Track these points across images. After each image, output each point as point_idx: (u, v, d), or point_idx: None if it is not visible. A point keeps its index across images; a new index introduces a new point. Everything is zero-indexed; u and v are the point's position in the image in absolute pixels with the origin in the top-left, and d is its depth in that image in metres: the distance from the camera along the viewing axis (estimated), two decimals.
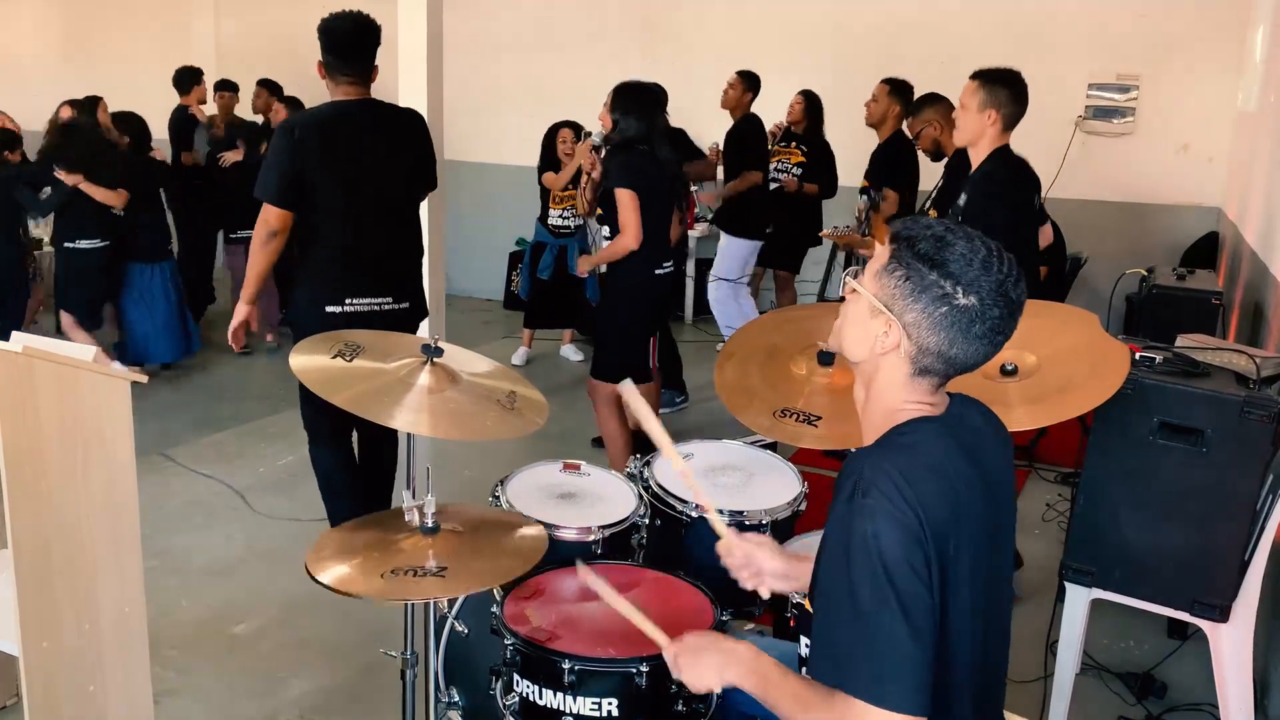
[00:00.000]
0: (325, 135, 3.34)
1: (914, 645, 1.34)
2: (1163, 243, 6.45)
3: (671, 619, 2.18)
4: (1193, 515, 2.61)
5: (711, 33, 7.63)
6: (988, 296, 1.41)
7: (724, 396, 2.52)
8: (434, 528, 2.10)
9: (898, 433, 1.47)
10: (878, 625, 1.34)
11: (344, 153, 3.34)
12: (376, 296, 3.39)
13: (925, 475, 1.39)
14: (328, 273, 3.37)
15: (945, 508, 1.39)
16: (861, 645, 1.36)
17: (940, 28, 7.01)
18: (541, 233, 6.27)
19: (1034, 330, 2.44)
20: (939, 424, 1.48)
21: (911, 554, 1.35)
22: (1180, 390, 2.59)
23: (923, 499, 1.37)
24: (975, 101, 3.28)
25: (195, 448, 5.04)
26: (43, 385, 2.09)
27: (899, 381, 1.49)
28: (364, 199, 3.36)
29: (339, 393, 2.17)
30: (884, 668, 1.34)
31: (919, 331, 1.44)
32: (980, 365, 1.47)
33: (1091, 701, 3.06)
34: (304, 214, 3.35)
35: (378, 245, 3.41)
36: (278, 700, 3.06)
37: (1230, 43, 6.39)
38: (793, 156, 6.37)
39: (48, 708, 2.19)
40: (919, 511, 1.36)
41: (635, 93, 4.10)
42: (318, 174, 3.30)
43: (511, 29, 8.31)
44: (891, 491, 1.37)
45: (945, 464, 1.43)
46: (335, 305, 3.35)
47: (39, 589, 2.14)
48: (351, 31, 3.35)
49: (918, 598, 1.35)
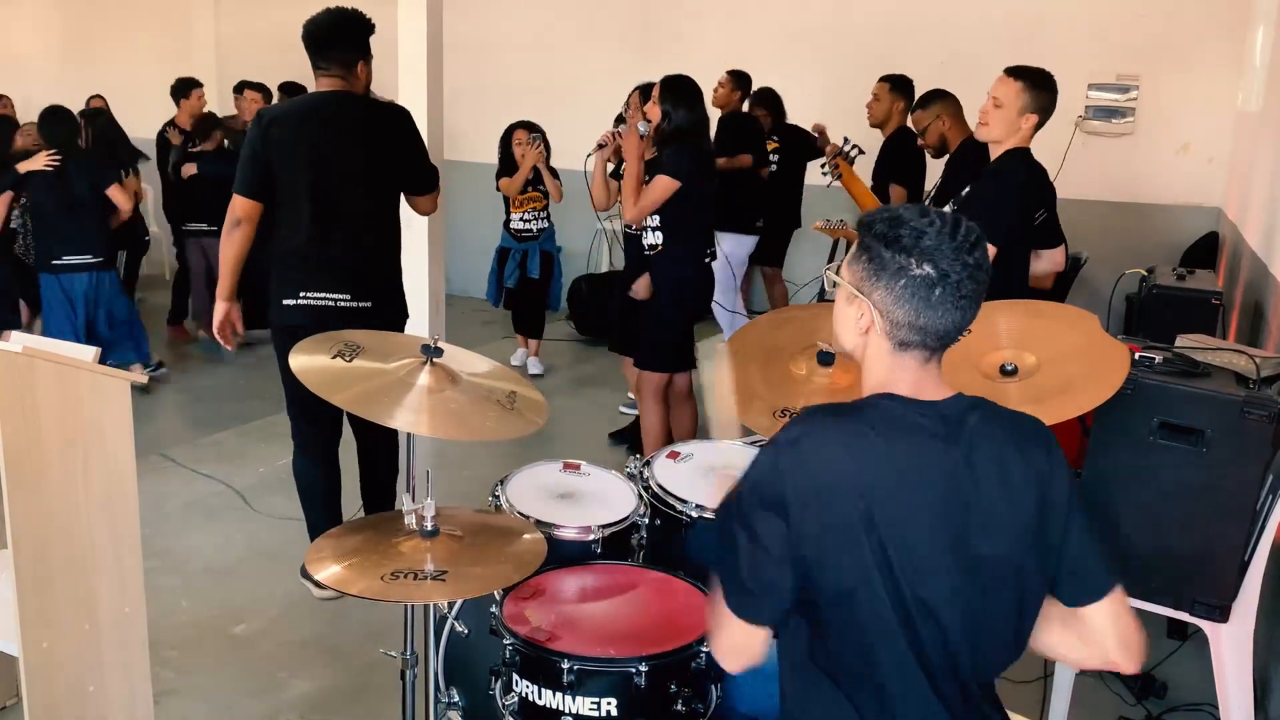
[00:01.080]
0: (293, 126, 3.33)
1: (759, 563, 1.47)
2: (1163, 243, 6.44)
3: (671, 619, 2.18)
4: (1193, 515, 2.61)
5: (711, 33, 7.63)
6: (943, 262, 1.47)
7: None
8: (433, 531, 2.10)
9: (854, 401, 1.54)
10: (733, 537, 1.50)
11: (309, 144, 3.31)
12: (333, 292, 3.32)
13: (843, 436, 1.48)
14: (287, 263, 3.34)
15: (868, 473, 1.45)
16: (727, 556, 1.52)
17: (940, 28, 7.00)
18: (505, 238, 6.12)
19: (1034, 330, 2.45)
20: (902, 401, 1.51)
21: (770, 488, 1.47)
22: (1180, 390, 2.59)
23: (823, 453, 1.47)
24: (1019, 103, 3.16)
25: (195, 448, 5.04)
26: (43, 385, 2.09)
27: (882, 358, 1.55)
28: (326, 192, 3.31)
29: (339, 393, 2.17)
30: (736, 579, 1.50)
31: (887, 307, 1.51)
32: (957, 329, 1.50)
33: (1091, 701, 3.06)
34: (271, 205, 3.34)
35: (338, 240, 3.33)
36: (278, 700, 3.06)
37: (1230, 43, 6.39)
38: (768, 145, 6.38)
39: (48, 708, 2.19)
40: (806, 461, 1.46)
41: (683, 85, 4.18)
42: (283, 165, 3.29)
43: (511, 29, 8.31)
44: (793, 435, 1.49)
45: (877, 435, 1.47)
46: (290, 298, 3.33)
47: (39, 589, 2.14)
48: (326, 24, 3.34)
49: (767, 525, 1.46)
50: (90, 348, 2.28)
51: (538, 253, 6.06)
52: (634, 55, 7.55)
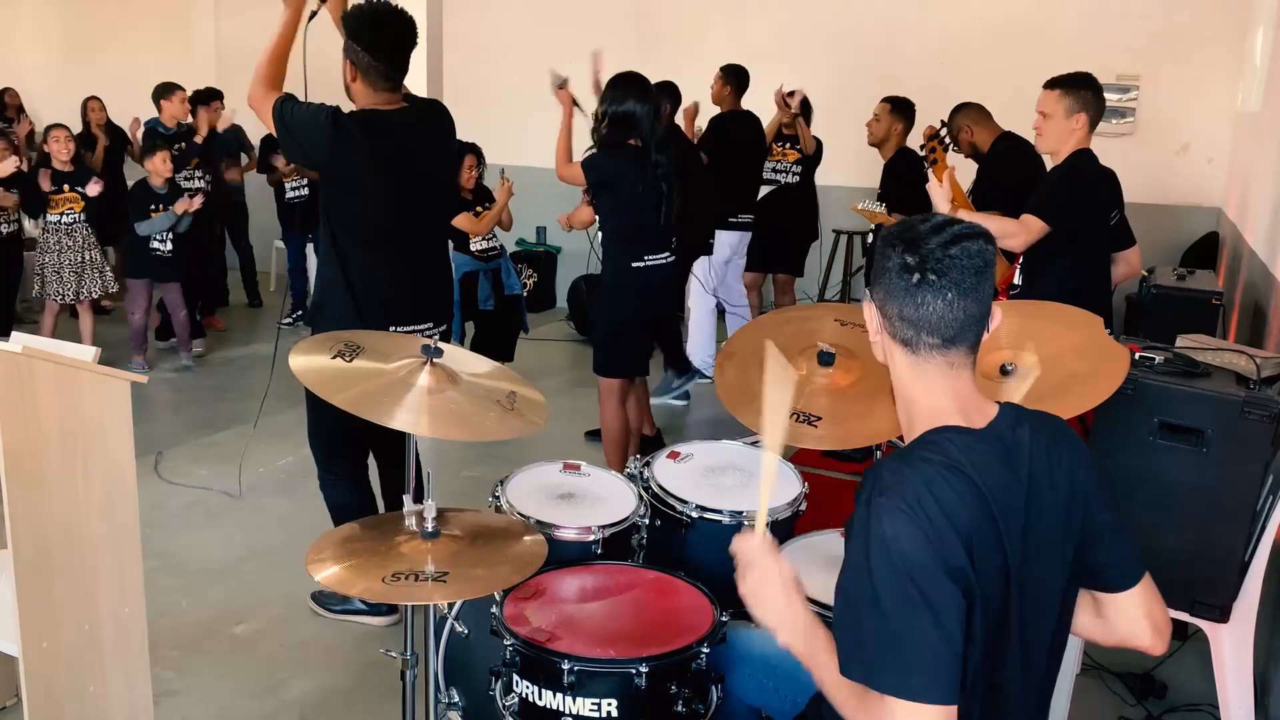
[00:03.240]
0: (391, 147, 3.05)
1: (940, 640, 1.36)
2: (1163, 243, 6.45)
3: (672, 619, 2.18)
4: (1193, 515, 2.61)
5: (711, 34, 7.62)
6: (923, 250, 1.46)
7: (724, 396, 2.52)
8: (434, 533, 2.10)
9: (923, 439, 1.48)
10: (903, 623, 1.36)
11: (401, 173, 3.06)
12: (420, 322, 3.19)
13: (945, 479, 1.40)
14: (371, 296, 3.12)
15: (968, 511, 1.40)
16: (889, 643, 1.37)
17: (940, 28, 7.01)
18: (468, 262, 5.58)
19: (1034, 330, 2.45)
20: (968, 434, 1.48)
21: (930, 553, 1.36)
22: (1180, 390, 2.59)
23: (941, 501, 1.38)
24: (1062, 108, 3.33)
25: (195, 448, 5.04)
26: (43, 385, 2.09)
27: (907, 372, 1.53)
28: (412, 222, 3.16)
29: (339, 393, 2.17)
30: (912, 663, 1.36)
31: (885, 305, 1.51)
32: (947, 323, 1.47)
33: (1091, 701, 3.06)
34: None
35: (420, 268, 3.20)
36: (278, 700, 3.06)
37: (1230, 43, 6.40)
38: (790, 156, 6.34)
39: (48, 708, 2.19)
40: (937, 515, 1.37)
41: (621, 81, 4.07)
42: (372, 187, 3.05)
43: (511, 28, 8.31)
44: (908, 493, 1.39)
45: (972, 471, 1.42)
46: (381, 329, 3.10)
47: (39, 589, 2.14)
48: (411, 26, 3.04)
49: (942, 594, 1.36)
50: (90, 348, 2.28)
51: (510, 267, 5.77)
52: (633, 56, 7.48)
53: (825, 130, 6.45)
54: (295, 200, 7.29)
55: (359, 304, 3.07)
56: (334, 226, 3.08)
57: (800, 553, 2.46)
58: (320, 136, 2.96)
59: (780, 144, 6.32)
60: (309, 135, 2.98)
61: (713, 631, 2.11)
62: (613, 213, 4.12)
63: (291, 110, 2.98)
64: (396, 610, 3.36)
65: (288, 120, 2.97)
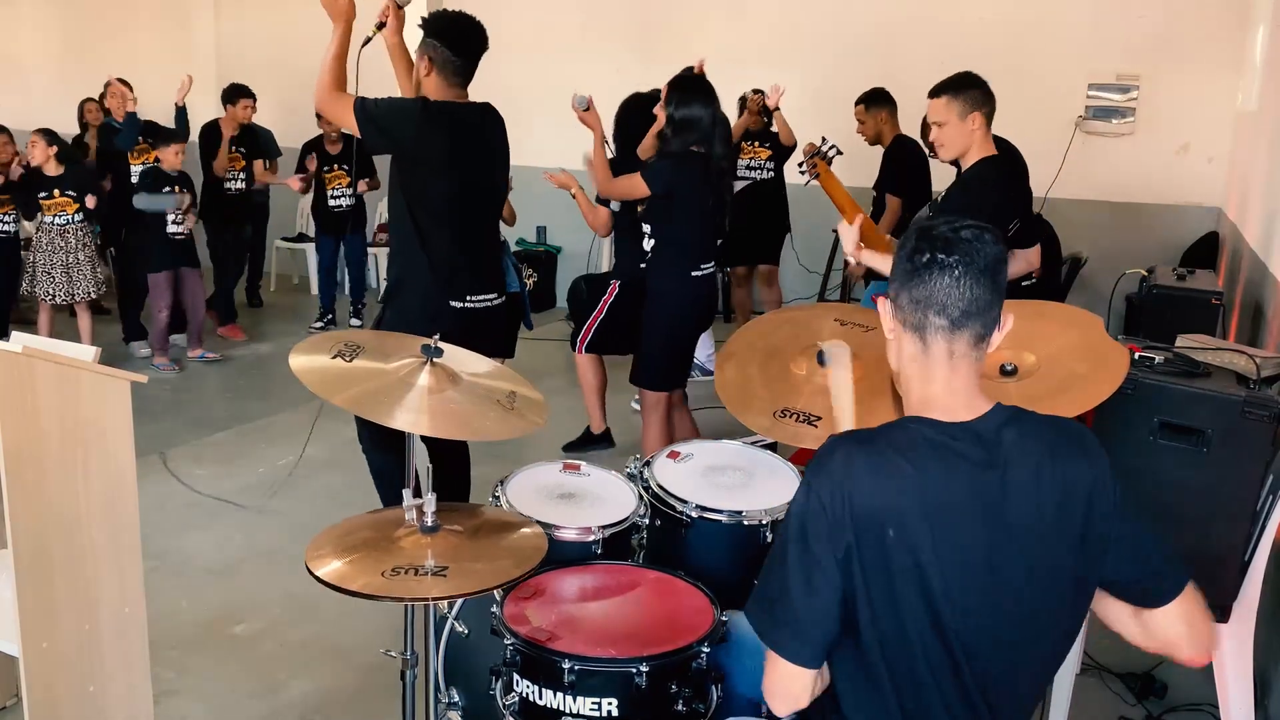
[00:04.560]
0: (467, 133, 3.36)
1: (808, 604, 1.46)
2: (1163, 243, 6.45)
3: (671, 619, 2.18)
4: (1193, 515, 2.60)
5: (711, 33, 7.62)
6: (932, 232, 1.51)
7: (724, 396, 2.52)
8: (434, 527, 2.10)
9: (886, 425, 1.53)
10: (782, 579, 1.49)
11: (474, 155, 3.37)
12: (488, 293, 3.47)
13: (872, 462, 1.46)
14: (450, 267, 3.37)
15: (890, 496, 1.44)
16: (771, 596, 1.51)
17: (939, 29, 7.00)
18: None
19: (1034, 330, 2.45)
20: (937, 425, 1.48)
21: (819, 523, 1.45)
22: (1180, 390, 2.59)
23: (856, 480, 1.44)
24: (954, 113, 3.21)
25: (195, 448, 5.04)
26: (43, 385, 2.09)
27: (913, 364, 1.54)
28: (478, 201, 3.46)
29: (339, 393, 2.17)
30: (782, 619, 1.49)
31: (898, 295, 1.54)
32: (958, 300, 1.48)
33: (1091, 701, 3.06)
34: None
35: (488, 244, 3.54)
36: (278, 700, 3.06)
37: (1230, 43, 6.39)
38: (761, 153, 6.36)
39: (48, 708, 2.19)
40: (843, 490, 1.44)
41: (686, 85, 4.06)
42: (447, 168, 3.29)
43: (511, 29, 8.29)
44: (827, 466, 1.48)
45: (911, 457, 1.45)
46: (458, 300, 3.36)
47: (39, 589, 2.14)
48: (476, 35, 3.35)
49: (818, 562, 1.45)
50: (90, 348, 2.29)
51: (511, 265, 5.79)
52: (634, 56, 7.55)
53: (821, 132, 6.43)
54: (337, 209, 7.28)
55: (437, 275, 3.30)
56: (413, 207, 3.29)
57: None
58: (409, 122, 3.20)
59: (750, 141, 6.35)
60: (397, 122, 3.20)
61: (713, 631, 2.11)
62: (673, 222, 4.03)
63: (375, 104, 3.20)
64: None
65: (372, 112, 3.17)
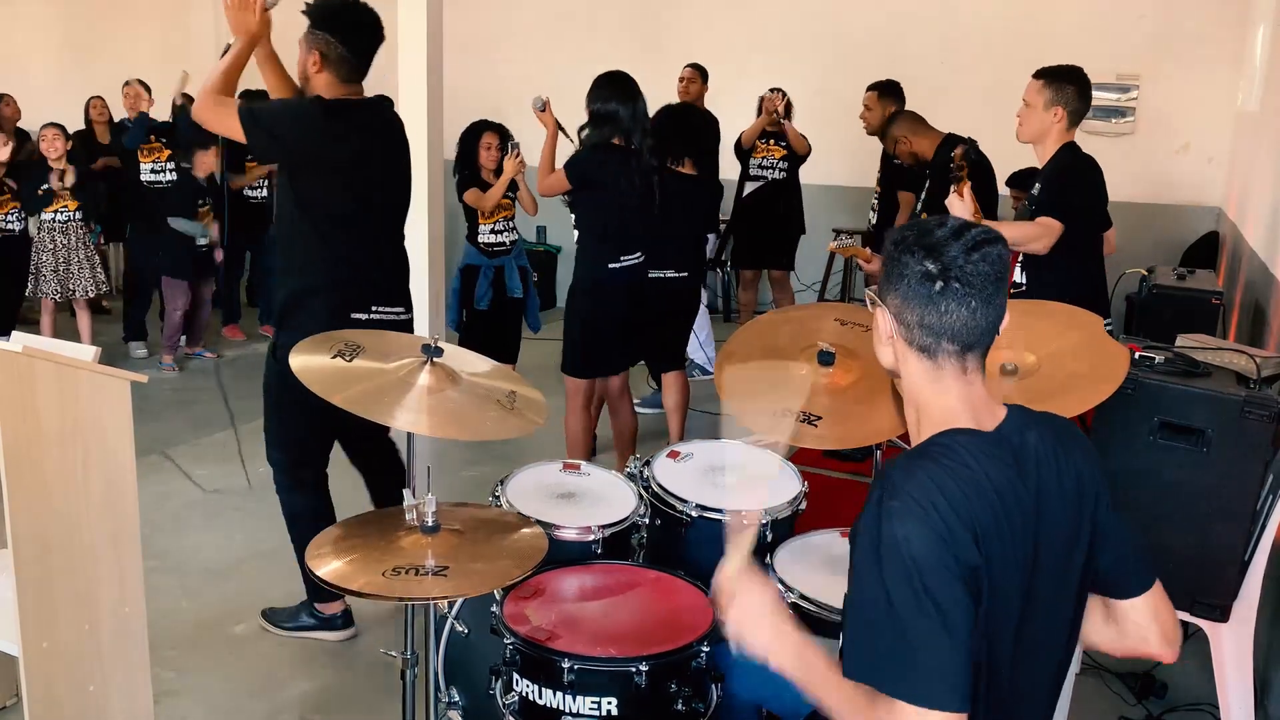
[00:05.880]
0: (366, 138, 3.08)
1: (951, 645, 1.34)
2: (1163, 243, 6.45)
3: (671, 618, 2.18)
4: (1193, 515, 2.61)
5: (711, 32, 7.63)
6: (944, 258, 1.45)
7: (724, 396, 2.52)
8: (434, 527, 2.10)
9: (932, 441, 1.48)
10: (915, 627, 1.35)
11: (376, 162, 3.10)
12: (395, 306, 3.19)
13: (956, 481, 1.40)
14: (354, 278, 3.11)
15: (979, 512, 1.39)
16: (900, 647, 1.36)
17: (939, 28, 7.01)
18: (473, 254, 5.37)
19: (1034, 330, 2.45)
20: (978, 436, 1.47)
21: (943, 555, 1.35)
22: (1180, 390, 2.59)
23: (954, 504, 1.37)
24: (1042, 99, 3.34)
25: (195, 448, 5.04)
26: (43, 385, 2.09)
27: (921, 376, 1.52)
28: (387, 208, 3.19)
29: (339, 393, 2.17)
30: (924, 668, 1.34)
31: (900, 311, 1.50)
32: (970, 329, 1.46)
33: (1091, 701, 3.06)
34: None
35: (393, 255, 3.23)
36: (278, 700, 3.06)
37: (1230, 43, 6.40)
38: (775, 152, 6.31)
39: (48, 708, 2.19)
40: (950, 515, 1.37)
41: (605, 81, 4.07)
42: (351, 175, 3.03)
43: (512, 28, 8.31)
44: (919, 494, 1.38)
45: (980, 471, 1.41)
46: (361, 312, 3.06)
47: (39, 589, 2.14)
48: (376, 20, 3.05)
49: (953, 598, 1.35)
50: (90, 347, 2.28)
51: (515, 268, 5.44)
52: (634, 55, 7.54)
53: (823, 130, 6.45)
54: (255, 201, 7.04)
55: (338, 286, 3.03)
56: (311, 216, 3.02)
57: (800, 552, 2.47)
58: (307, 126, 2.94)
59: (765, 140, 6.28)
60: (290, 128, 2.94)
61: (713, 630, 2.11)
62: (593, 212, 4.07)
63: (262, 109, 2.97)
64: (352, 625, 3.35)
65: (260, 118, 2.93)
